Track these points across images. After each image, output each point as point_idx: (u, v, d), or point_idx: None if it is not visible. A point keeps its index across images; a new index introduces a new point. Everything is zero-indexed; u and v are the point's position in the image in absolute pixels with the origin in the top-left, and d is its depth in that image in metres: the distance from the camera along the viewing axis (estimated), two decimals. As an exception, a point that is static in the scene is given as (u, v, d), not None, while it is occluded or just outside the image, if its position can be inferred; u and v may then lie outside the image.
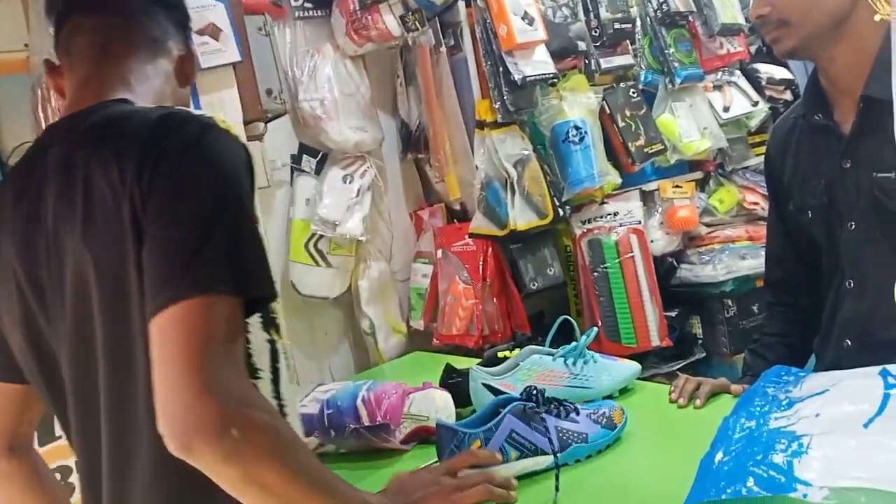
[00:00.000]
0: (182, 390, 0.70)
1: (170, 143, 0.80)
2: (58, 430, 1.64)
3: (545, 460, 1.15)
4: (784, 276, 1.49)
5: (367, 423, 1.36)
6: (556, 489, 1.06)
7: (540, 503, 1.08)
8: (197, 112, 0.86)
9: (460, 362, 1.60)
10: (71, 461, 1.63)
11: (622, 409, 1.27)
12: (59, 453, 1.57)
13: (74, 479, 1.65)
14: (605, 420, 1.24)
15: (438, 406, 1.39)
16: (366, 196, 2.14)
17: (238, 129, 1.79)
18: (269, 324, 0.90)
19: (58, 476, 1.64)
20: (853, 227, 1.26)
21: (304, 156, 2.14)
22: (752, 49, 2.77)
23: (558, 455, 1.11)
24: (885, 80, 1.08)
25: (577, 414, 1.21)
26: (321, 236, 2.10)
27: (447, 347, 2.15)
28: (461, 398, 1.45)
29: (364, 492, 0.93)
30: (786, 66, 2.77)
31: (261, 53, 1.94)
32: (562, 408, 1.20)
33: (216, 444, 0.70)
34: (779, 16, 1.22)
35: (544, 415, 1.15)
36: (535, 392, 1.19)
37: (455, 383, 1.51)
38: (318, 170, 2.15)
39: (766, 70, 2.68)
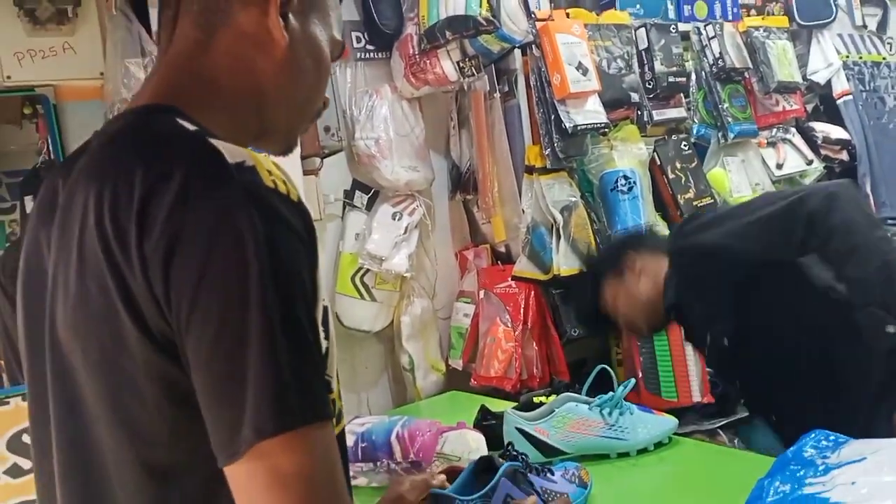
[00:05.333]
0: None
1: (189, 219, 0.59)
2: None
3: None
4: None
5: (399, 460, 1.38)
6: None
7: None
8: (234, 157, 0.62)
9: (496, 405, 1.61)
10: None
11: (587, 470, 1.28)
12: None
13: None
14: (577, 479, 1.24)
15: (471, 447, 1.40)
16: (413, 233, 2.18)
17: (293, 165, 1.87)
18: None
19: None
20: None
21: (357, 191, 2.20)
22: (809, 107, 2.76)
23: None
24: (667, 295, 1.62)
25: (553, 474, 1.22)
26: (367, 270, 2.15)
27: (485, 389, 2.16)
28: (495, 441, 1.45)
29: None
30: (843, 125, 2.75)
31: (321, 92, 2.02)
32: (539, 468, 1.21)
33: None
34: (625, 323, 1.71)
35: (531, 476, 1.15)
36: (517, 452, 1.19)
37: (489, 425, 1.51)
38: (369, 206, 2.20)
39: (823, 129, 2.67)
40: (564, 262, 2.12)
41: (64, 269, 0.67)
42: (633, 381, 1.49)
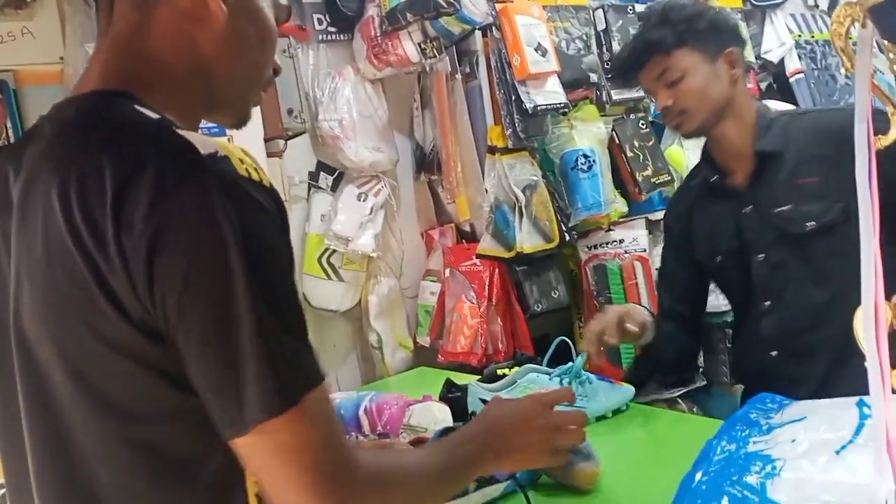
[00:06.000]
0: None
1: (170, 213, 0.60)
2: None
3: (501, 486, 1.19)
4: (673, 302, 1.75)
5: (367, 433, 1.42)
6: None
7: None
8: (206, 148, 0.63)
9: (463, 379, 1.66)
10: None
11: None
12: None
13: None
14: None
15: (437, 418, 1.45)
16: (379, 214, 2.21)
17: (257, 147, 1.88)
18: None
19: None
20: (762, 258, 1.51)
21: (322, 173, 2.22)
22: (763, 86, 2.83)
23: (516, 477, 1.15)
24: (766, 137, 1.49)
25: None
26: (334, 251, 2.18)
27: (451, 364, 2.21)
28: (460, 412, 1.50)
29: (469, 445, 0.89)
30: (795, 103, 2.83)
31: (284, 74, 2.02)
32: None
33: None
34: (679, 106, 1.50)
35: None
36: None
37: (455, 398, 1.56)
38: (334, 187, 2.23)
39: (775, 106, 2.73)
40: (527, 240, 2.17)
41: (27, 262, 0.67)
42: (585, 354, 1.55)
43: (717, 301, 2.44)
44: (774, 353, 1.52)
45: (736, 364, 1.69)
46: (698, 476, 1.05)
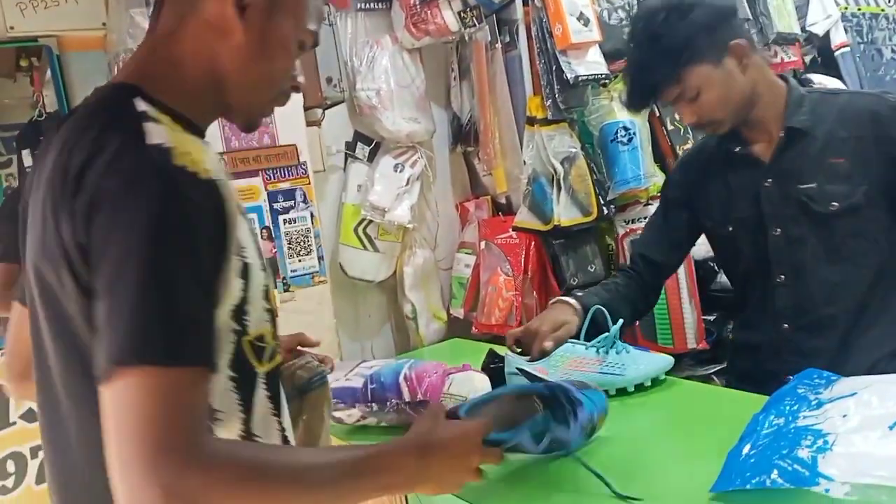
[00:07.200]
0: (127, 478, 0.65)
1: (108, 185, 0.71)
2: (12, 417, 1.78)
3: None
4: (650, 256, 1.68)
5: (408, 399, 1.43)
6: (598, 475, 1.11)
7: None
8: (153, 139, 0.74)
9: (499, 350, 1.65)
10: (25, 447, 1.77)
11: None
12: (13, 439, 1.71)
13: (31, 466, 1.76)
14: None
15: (477, 388, 1.44)
16: (415, 185, 2.21)
17: (296, 116, 1.88)
18: (255, 354, 0.84)
19: (10, 463, 1.76)
20: (779, 232, 1.48)
21: (359, 143, 2.22)
22: (807, 59, 2.76)
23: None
24: (798, 114, 1.46)
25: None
26: (370, 221, 2.18)
27: (485, 336, 2.21)
28: (500, 382, 1.50)
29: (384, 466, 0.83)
30: (840, 77, 2.77)
31: (323, 43, 2.00)
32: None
33: None
34: (708, 118, 1.47)
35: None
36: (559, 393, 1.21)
37: (496, 368, 1.56)
38: (371, 157, 2.22)
39: (820, 80, 2.68)
40: (565, 213, 2.15)
41: (32, 212, 0.82)
42: (621, 320, 1.53)
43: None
44: (786, 325, 1.51)
45: (740, 336, 1.66)
46: (746, 449, 1.04)
